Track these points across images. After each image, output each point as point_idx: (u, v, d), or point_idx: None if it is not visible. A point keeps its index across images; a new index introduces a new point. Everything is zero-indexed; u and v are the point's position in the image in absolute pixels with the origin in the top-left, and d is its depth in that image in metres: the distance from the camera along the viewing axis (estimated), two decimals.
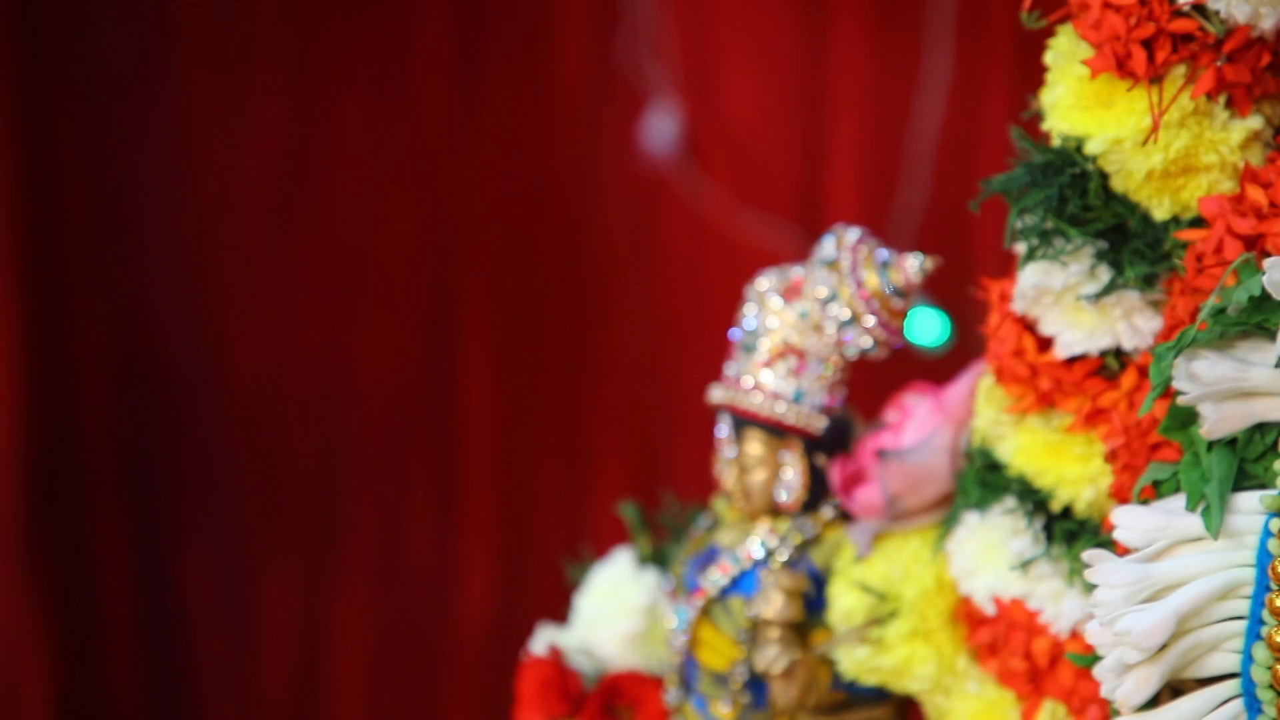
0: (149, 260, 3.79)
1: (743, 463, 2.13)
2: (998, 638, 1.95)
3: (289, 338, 3.83)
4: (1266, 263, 1.57)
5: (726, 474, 2.15)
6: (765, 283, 2.13)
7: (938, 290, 2.97)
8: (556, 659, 2.23)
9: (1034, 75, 1.85)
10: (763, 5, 3.56)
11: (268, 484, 3.87)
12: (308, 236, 3.80)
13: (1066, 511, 1.92)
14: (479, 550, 3.87)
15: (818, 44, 3.52)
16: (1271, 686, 1.54)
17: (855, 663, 2.05)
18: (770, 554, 2.12)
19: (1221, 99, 1.72)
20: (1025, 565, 1.92)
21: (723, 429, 2.15)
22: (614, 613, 2.25)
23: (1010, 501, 1.95)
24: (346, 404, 3.86)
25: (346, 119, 3.77)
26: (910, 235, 3.39)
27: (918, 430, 2.07)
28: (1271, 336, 1.58)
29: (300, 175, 3.79)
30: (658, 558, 2.29)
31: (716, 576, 2.14)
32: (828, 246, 2.10)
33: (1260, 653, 1.55)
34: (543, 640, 2.28)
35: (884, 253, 2.08)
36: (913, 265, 2.07)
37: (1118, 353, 1.86)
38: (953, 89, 3.36)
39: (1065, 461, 1.89)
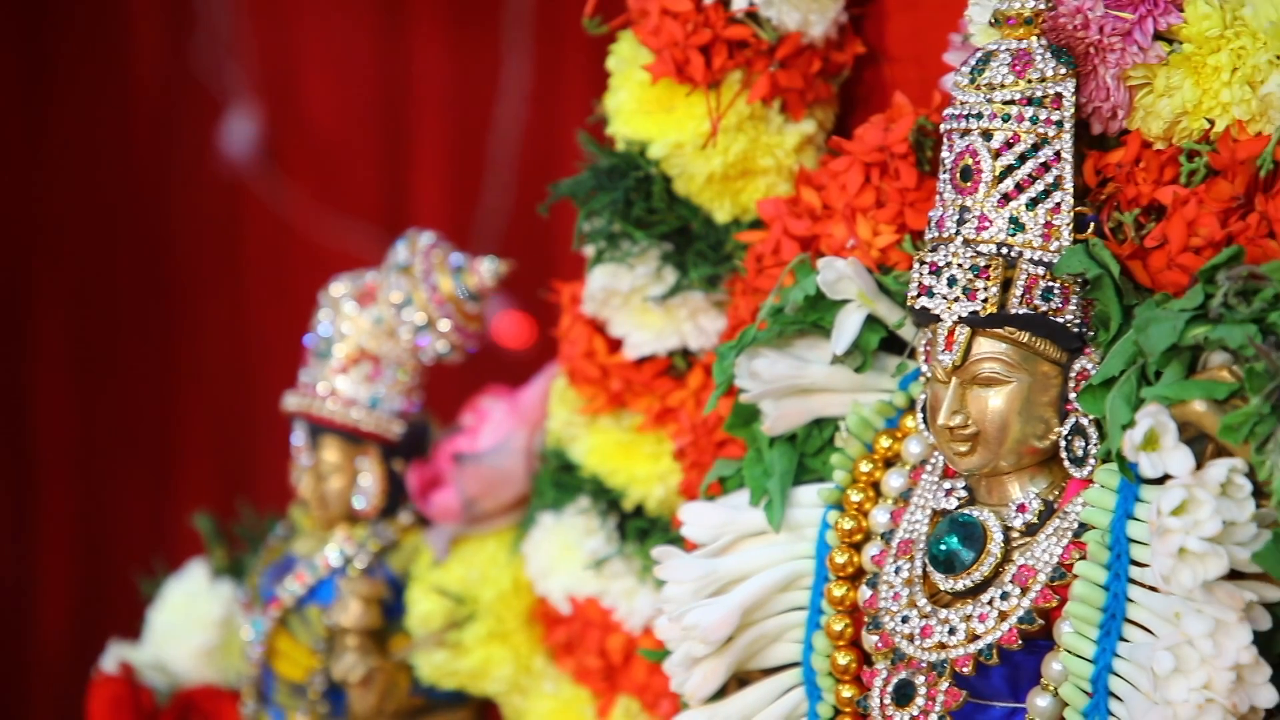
0: None
1: (319, 470, 2.11)
2: (573, 636, 1.97)
3: None
4: (820, 263, 1.62)
5: (303, 482, 2.12)
6: (339, 288, 2.11)
7: (522, 293, 2.99)
8: (128, 676, 2.17)
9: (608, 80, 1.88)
10: (342, 9, 3.53)
11: None
12: None
13: (639, 510, 1.94)
14: (54, 565, 3.73)
15: (399, 48, 3.51)
16: (830, 674, 1.59)
17: (434, 667, 2.05)
18: (348, 561, 2.11)
19: (776, 104, 1.77)
20: (599, 564, 1.94)
21: (299, 436, 2.12)
22: (187, 627, 2.21)
23: (584, 501, 1.97)
24: None
25: None
26: (495, 239, 3.40)
27: (494, 433, 2.08)
28: (827, 334, 1.64)
29: None
30: (234, 569, 2.25)
31: (293, 586, 2.11)
32: (401, 251, 2.09)
33: (820, 641, 1.60)
34: (114, 657, 2.22)
35: (458, 257, 2.08)
36: (487, 269, 2.07)
37: (685, 353, 1.90)
38: (533, 94, 3.38)
39: (636, 461, 1.92)
